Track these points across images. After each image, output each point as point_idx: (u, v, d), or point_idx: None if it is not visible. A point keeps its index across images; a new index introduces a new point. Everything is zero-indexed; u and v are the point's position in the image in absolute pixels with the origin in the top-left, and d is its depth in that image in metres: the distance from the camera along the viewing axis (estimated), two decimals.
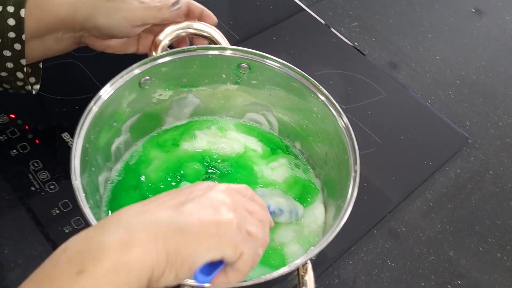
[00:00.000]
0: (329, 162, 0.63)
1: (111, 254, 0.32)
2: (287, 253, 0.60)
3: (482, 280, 0.68)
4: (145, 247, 0.33)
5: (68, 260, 0.32)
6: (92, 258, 0.32)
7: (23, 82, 0.63)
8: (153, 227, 0.34)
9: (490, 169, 0.80)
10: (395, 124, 0.84)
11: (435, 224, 0.72)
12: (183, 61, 0.62)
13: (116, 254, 0.32)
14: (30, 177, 0.69)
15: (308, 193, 0.66)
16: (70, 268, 0.31)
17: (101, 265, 0.32)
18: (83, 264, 0.32)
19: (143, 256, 0.33)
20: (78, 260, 0.32)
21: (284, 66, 0.63)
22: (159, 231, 0.34)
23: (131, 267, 0.33)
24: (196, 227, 0.37)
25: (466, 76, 0.94)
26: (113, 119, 0.60)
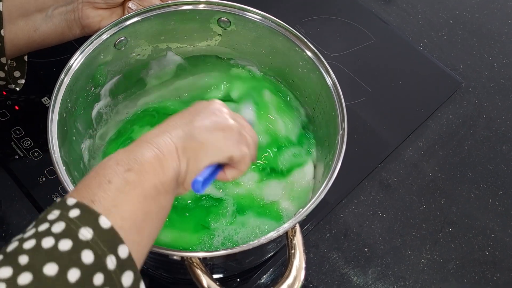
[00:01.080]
0: (317, 118, 0.62)
1: (150, 161, 0.39)
2: (280, 208, 0.60)
3: (473, 227, 0.68)
4: (172, 159, 0.41)
5: (116, 163, 0.38)
6: (136, 162, 0.38)
7: (5, 81, 0.60)
8: (173, 143, 0.41)
9: (483, 113, 0.78)
10: (385, 71, 0.81)
11: (427, 173, 0.72)
12: (158, 18, 0.59)
13: (154, 162, 0.39)
14: (13, 145, 0.68)
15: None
16: (119, 167, 0.38)
17: (144, 167, 0.38)
18: (130, 165, 0.38)
19: (171, 163, 0.41)
20: (125, 162, 0.38)
21: (265, 18, 0.60)
22: (179, 145, 0.42)
23: (165, 170, 0.40)
24: (206, 134, 0.43)
25: (460, 14, 0.90)
26: (90, 84, 0.58)
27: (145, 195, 0.38)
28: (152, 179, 0.39)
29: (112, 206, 0.36)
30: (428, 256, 0.66)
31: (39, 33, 0.59)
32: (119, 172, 0.38)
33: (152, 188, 0.39)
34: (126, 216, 0.36)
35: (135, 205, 0.37)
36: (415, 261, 0.65)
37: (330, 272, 0.64)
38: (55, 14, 0.59)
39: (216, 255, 0.44)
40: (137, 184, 0.38)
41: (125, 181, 0.37)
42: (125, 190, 0.37)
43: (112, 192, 0.36)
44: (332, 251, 0.65)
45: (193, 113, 0.46)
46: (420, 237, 0.67)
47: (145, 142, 0.41)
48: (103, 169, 0.38)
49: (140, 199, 0.38)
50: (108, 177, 0.37)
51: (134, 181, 0.38)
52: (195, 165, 0.43)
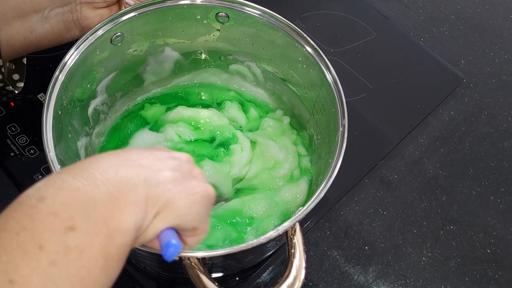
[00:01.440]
0: (317, 115, 0.61)
1: (102, 212, 0.29)
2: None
3: (474, 224, 0.67)
4: (137, 206, 0.31)
5: (53, 214, 0.28)
6: (82, 214, 0.28)
7: (2, 83, 0.59)
8: (142, 187, 0.32)
9: (485, 109, 0.77)
10: (386, 67, 0.80)
11: (428, 170, 0.71)
12: (155, 13, 0.58)
13: (108, 212, 0.29)
14: (9, 142, 0.67)
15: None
16: (57, 224, 0.27)
17: (93, 222, 0.28)
18: (73, 220, 0.28)
19: (134, 214, 0.31)
20: (65, 215, 0.28)
21: (265, 13, 0.59)
22: (150, 191, 0.32)
23: (123, 225, 0.30)
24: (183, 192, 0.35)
25: (461, 9, 0.89)
26: (86, 81, 0.57)
27: (89, 268, 0.27)
28: (102, 241, 0.28)
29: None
30: (429, 254, 0.65)
31: (36, 34, 0.58)
32: (55, 232, 0.27)
33: (101, 256, 0.28)
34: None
35: (74, 284, 0.27)
36: (416, 259, 0.64)
37: (330, 270, 0.63)
38: (51, 15, 0.58)
39: (215, 254, 0.43)
40: (81, 252, 0.27)
41: (64, 247, 0.27)
42: (62, 263, 0.26)
43: (43, 267, 0.26)
44: (332, 249, 0.64)
45: (162, 158, 0.37)
46: (421, 235, 0.66)
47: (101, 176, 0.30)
48: (32, 219, 0.27)
49: (82, 273, 0.27)
50: (38, 239, 0.26)
51: (76, 247, 0.27)
52: (160, 223, 0.34)
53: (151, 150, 0.38)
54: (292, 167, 0.61)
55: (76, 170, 0.31)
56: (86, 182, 0.29)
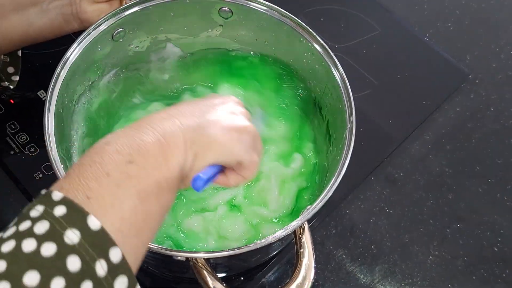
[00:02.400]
0: (323, 111, 0.60)
1: (153, 152, 0.35)
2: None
3: (482, 222, 0.67)
4: (178, 150, 0.37)
5: (116, 151, 0.34)
6: (138, 152, 0.35)
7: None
8: (181, 132, 0.38)
9: (491, 106, 0.76)
10: (391, 63, 0.79)
11: (434, 167, 0.70)
12: (157, 8, 0.57)
13: (157, 152, 0.35)
14: (8, 140, 0.65)
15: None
16: (119, 157, 0.34)
17: (147, 159, 0.35)
18: (131, 155, 0.34)
19: (177, 157, 0.37)
20: (126, 153, 0.34)
21: (270, 8, 0.57)
22: (187, 136, 0.38)
23: (170, 164, 0.36)
24: (219, 131, 0.40)
25: (467, 4, 0.88)
26: (87, 78, 0.56)
27: (147, 192, 0.34)
28: (155, 174, 0.35)
29: (110, 205, 0.32)
30: (436, 253, 0.64)
31: (34, 27, 0.57)
32: (119, 164, 0.34)
33: (155, 185, 0.35)
34: (125, 217, 0.32)
35: (135, 204, 0.33)
36: (423, 258, 0.64)
37: (336, 269, 0.62)
38: (50, 8, 0.57)
39: (222, 255, 0.42)
40: (139, 180, 0.34)
41: (126, 175, 0.33)
42: (125, 186, 0.33)
43: (111, 188, 0.33)
44: (338, 248, 0.63)
45: (208, 105, 0.42)
46: (428, 234, 0.65)
47: (150, 127, 0.37)
48: (101, 156, 0.34)
49: (142, 197, 0.34)
50: (106, 169, 0.33)
51: (135, 175, 0.34)
52: (201, 162, 0.39)
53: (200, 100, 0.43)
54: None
55: (133, 125, 0.38)
56: (140, 131, 0.36)
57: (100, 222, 0.30)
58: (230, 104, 0.44)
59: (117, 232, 0.31)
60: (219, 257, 0.44)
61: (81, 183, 0.32)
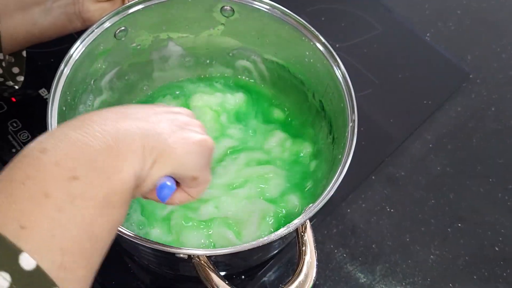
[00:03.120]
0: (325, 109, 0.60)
1: (103, 162, 0.30)
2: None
3: (483, 222, 0.67)
4: (134, 156, 0.32)
5: (55, 164, 0.28)
6: (83, 164, 0.29)
7: (2, 77, 0.58)
8: (139, 137, 0.33)
9: (492, 106, 0.77)
10: (392, 62, 0.79)
11: (435, 167, 0.70)
12: (160, 7, 0.57)
13: (108, 162, 0.30)
14: (10, 138, 0.65)
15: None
16: (61, 174, 0.28)
17: (95, 172, 0.29)
18: (76, 170, 0.29)
19: (132, 164, 0.32)
20: (68, 166, 0.29)
21: (272, 7, 0.57)
22: (146, 141, 0.33)
23: (123, 175, 0.31)
24: (181, 141, 0.36)
25: (468, 4, 0.88)
26: (89, 76, 0.56)
27: (94, 213, 0.29)
28: (104, 190, 0.29)
29: (49, 236, 0.26)
30: (437, 253, 0.64)
31: (39, 26, 0.57)
32: (60, 180, 0.28)
33: (104, 202, 0.29)
34: (68, 248, 0.27)
35: (81, 229, 0.28)
36: (424, 258, 0.64)
37: (337, 269, 0.62)
38: (54, 7, 0.57)
39: (224, 252, 0.42)
40: (84, 200, 0.28)
41: (69, 195, 0.28)
42: (68, 210, 0.27)
43: (51, 213, 0.27)
44: (339, 248, 0.63)
45: (159, 111, 0.38)
46: (429, 233, 0.65)
47: (99, 128, 0.31)
48: (36, 169, 0.28)
49: (87, 219, 0.28)
50: (44, 187, 0.27)
51: (80, 195, 0.28)
52: (159, 171, 0.35)
53: (151, 106, 0.39)
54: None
55: (75, 123, 0.32)
56: (85, 134, 0.30)
57: (36, 260, 0.25)
58: (185, 116, 0.40)
59: (59, 269, 0.26)
60: (221, 255, 0.44)
61: (11, 208, 0.26)
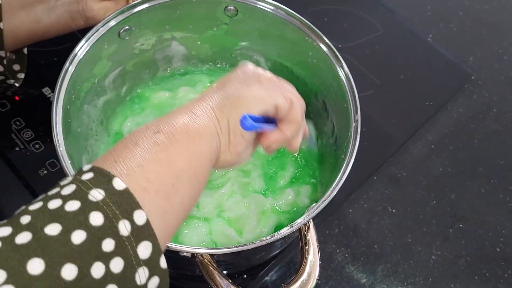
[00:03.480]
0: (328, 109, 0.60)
1: (181, 120, 0.37)
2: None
3: (484, 223, 0.67)
4: (207, 117, 0.38)
5: (146, 127, 0.36)
6: (167, 124, 0.36)
7: (3, 75, 0.58)
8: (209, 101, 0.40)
9: (493, 107, 0.77)
10: (394, 63, 0.79)
11: (436, 167, 0.70)
12: (164, 6, 0.57)
13: (185, 120, 0.37)
14: (13, 136, 0.66)
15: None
16: (148, 130, 0.36)
17: (174, 127, 0.36)
18: (159, 127, 0.36)
19: (208, 124, 0.38)
20: (155, 126, 0.36)
21: (276, 8, 0.58)
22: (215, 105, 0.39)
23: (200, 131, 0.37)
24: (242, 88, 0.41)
25: (469, 6, 0.88)
26: (93, 75, 0.56)
27: (175, 157, 0.35)
28: (184, 141, 0.36)
29: (136, 165, 0.33)
30: (439, 253, 0.64)
31: (42, 24, 0.57)
32: (147, 135, 0.35)
33: (185, 150, 0.36)
34: (151, 178, 0.33)
35: (163, 166, 0.34)
36: (425, 258, 0.64)
37: (339, 268, 0.62)
38: (57, 6, 0.57)
39: (227, 251, 0.42)
40: (167, 146, 0.35)
41: (154, 142, 0.35)
42: (152, 151, 0.34)
43: (138, 152, 0.34)
44: (341, 247, 0.63)
45: (224, 80, 0.43)
46: (430, 233, 0.65)
47: (177, 109, 0.39)
48: (132, 134, 0.36)
49: (170, 160, 0.35)
50: (135, 139, 0.35)
51: (163, 142, 0.35)
52: (237, 114, 0.40)
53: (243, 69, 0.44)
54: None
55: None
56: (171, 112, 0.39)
57: (126, 184, 0.31)
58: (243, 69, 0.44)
59: (143, 192, 0.32)
60: (224, 254, 0.44)
61: (111, 153, 0.34)
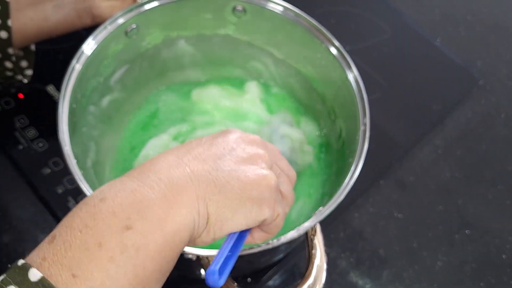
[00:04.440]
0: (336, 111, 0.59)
1: (156, 212, 0.30)
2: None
3: (490, 229, 0.66)
4: (188, 207, 0.32)
5: (112, 213, 0.29)
6: (137, 214, 0.30)
7: (12, 72, 0.58)
8: (193, 186, 0.32)
9: (501, 112, 0.76)
10: (402, 66, 0.79)
11: (444, 172, 0.70)
12: (172, 5, 0.57)
13: (162, 212, 0.30)
14: (17, 134, 0.65)
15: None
16: (116, 223, 0.29)
17: (148, 222, 0.30)
18: (130, 220, 0.29)
19: (186, 215, 0.32)
20: (123, 215, 0.29)
21: (285, 9, 0.57)
22: (200, 191, 0.33)
23: (177, 226, 0.31)
24: (236, 188, 0.34)
25: (478, 10, 0.87)
26: (99, 74, 0.56)
27: (145, 265, 0.29)
28: (157, 241, 0.30)
29: (99, 286, 0.27)
30: (444, 258, 0.64)
31: (49, 22, 0.57)
32: (114, 230, 0.29)
33: (156, 253, 0.29)
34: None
35: (130, 280, 0.28)
36: (431, 263, 0.63)
37: (344, 273, 0.62)
38: (65, 3, 0.57)
39: None
40: (137, 251, 0.29)
41: (121, 245, 0.28)
42: (119, 260, 0.28)
43: (103, 263, 0.28)
44: (346, 251, 0.63)
45: (219, 147, 0.36)
46: (436, 239, 0.65)
47: (155, 177, 0.31)
48: (94, 219, 0.29)
49: (139, 271, 0.29)
50: (99, 237, 0.28)
51: (133, 245, 0.29)
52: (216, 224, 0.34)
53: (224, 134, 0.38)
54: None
55: (134, 173, 0.33)
56: (141, 183, 0.31)
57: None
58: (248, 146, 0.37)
59: None
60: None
61: (67, 255, 0.28)
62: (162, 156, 0.34)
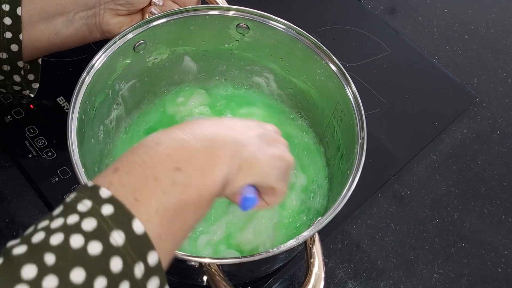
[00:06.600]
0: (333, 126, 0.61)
1: (200, 160, 0.36)
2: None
3: (486, 243, 0.68)
4: (226, 162, 0.38)
5: (166, 155, 0.35)
6: (186, 160, 0.36)
7: (20, 86, 0.60)
8: (232, 146, 0.39)
9: (497, 129, 0.78)
10: (400, 83, 0.81)
11: (440, 187, 0.71)
12: (178, 22, 0.59)
13: (204, 161, 0.37)
14: (27, 144, 0.67)
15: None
16: (169, 164, 0.35)
17: (194, 169, 0.36)
18: (179, 163, 0.35)
19: (223, 168, 0.38)
20: (174, 158, 0.35)
21: (287, 27, 0.60)
22: (236, 152, 0.39)
23: (215, 174, 0.37)
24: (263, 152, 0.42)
25: (475, 30, 0.90)
26: (108, 87, 0.58)
27: (188, 202, 0.35)
28: (199, 185, 0.36)
29: (154, 210, 0.33)
30: (441, 271, 0.65)
31: (60, 36, 0.59)
32: (167, 169, 0.35)
33: (197, 196, 0.36)
34: (165, 224, 0.33)
35: (176, 212, 0.34)
36: (427, 276, 0.64)
37: (342, 284, 0.63)
38: (76, 19, 0.59)
39: (235, 262, 0.43)
40: (184, 189, 0.35)
41: (172, 182, 0.34)
42: (170, 193, 0.34)
43: (158, 193, 0.33)
44: (344, 262, 0.64)
45: (252, 126, 0.44)
46: (433, 252, 0.66)
47: (201, 133, 0.38)
48: (151, 157, 0.35)
49: (182, 206, 0.34)
50: (155, 172, 0.34)
51: (181, 184, 0.35)
52: (243, 179, 0.40)
53: (244, 119, 0.45)
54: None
55: (183, 126, 0.39)
56: (190, 135, 0.37)
57: (144, 226, 0.31)
58: (273, 133, 0.46)
59: (157, 237, 0.32)
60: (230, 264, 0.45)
61: (129, 183, 0.33)
62: (207, 119, 0.41)
